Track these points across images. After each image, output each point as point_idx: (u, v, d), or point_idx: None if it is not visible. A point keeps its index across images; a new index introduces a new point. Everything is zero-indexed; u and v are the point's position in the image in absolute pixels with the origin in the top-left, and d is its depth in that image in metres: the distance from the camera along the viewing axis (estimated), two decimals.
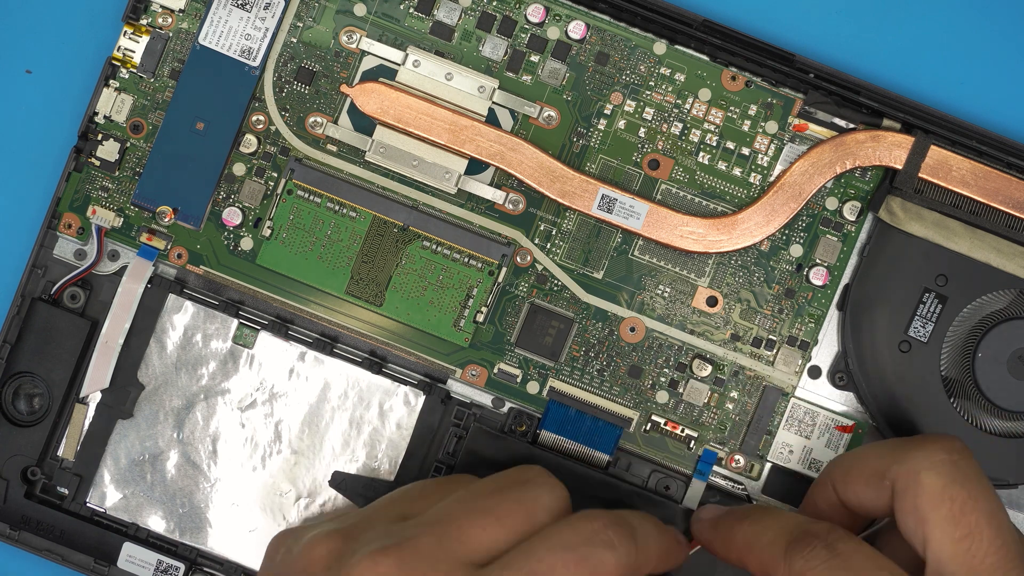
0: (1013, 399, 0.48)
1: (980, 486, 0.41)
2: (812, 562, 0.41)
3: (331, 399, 0.50)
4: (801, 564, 0.41)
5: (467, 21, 0.49)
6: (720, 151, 0.49)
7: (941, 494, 0.41)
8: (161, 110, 0.50)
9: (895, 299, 0.48)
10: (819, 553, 0.41)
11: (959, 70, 0.51)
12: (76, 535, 0.50)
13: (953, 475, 0.41)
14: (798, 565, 0.41)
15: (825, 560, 0.41)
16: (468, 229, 0.50)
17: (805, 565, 0.41)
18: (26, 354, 0.49)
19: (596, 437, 0.49)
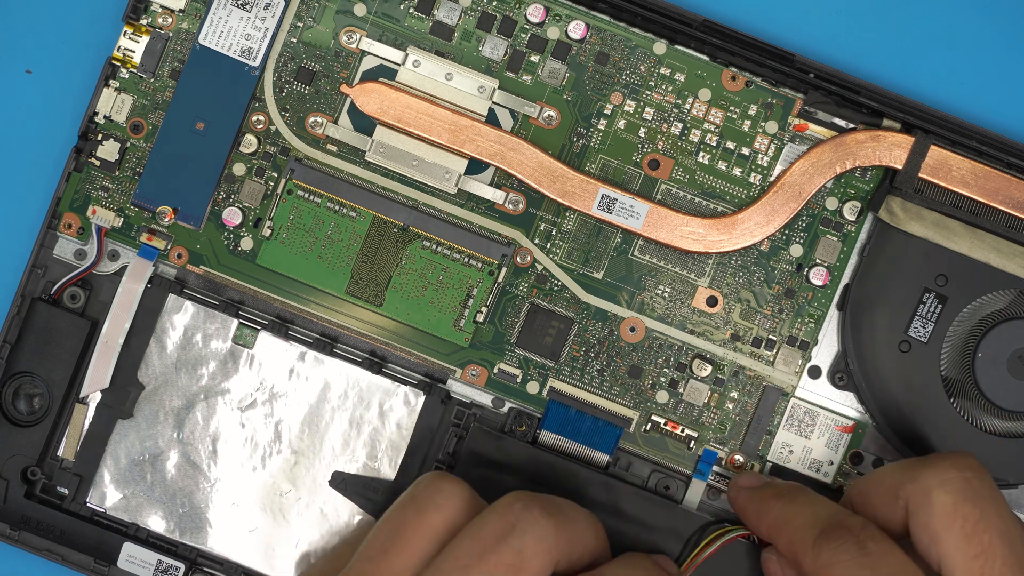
0: (1013, 399, 0.48)
1: (993, 504, 0.41)
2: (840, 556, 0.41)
3: (331, 399, 0.50)
4: (828, 556, 0.41)
5: (467, 21, 0.49)
6: (720, 151, 0.49)
7: (953, 512, 0.41)
8: (161, 110, 0.50)
9: (895, 299, 0.48)
10: (848, 548, 0.41)
11: (959, 70, 0.51)
12: (76, 535, 0.50)
13: (965, 493, 0.41)
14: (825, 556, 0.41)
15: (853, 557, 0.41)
16: (468, 229, 0.50)
17: (832, 557, 0.41)
18: (26, 354, 0.49)
19: (596, 437, 0.49)
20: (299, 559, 0.50)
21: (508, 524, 0.41)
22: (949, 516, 0.41)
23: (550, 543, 0.41)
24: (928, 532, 0.41)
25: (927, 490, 0.42)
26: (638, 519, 0.48)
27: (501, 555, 0.41)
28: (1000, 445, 0.48)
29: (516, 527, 0.41)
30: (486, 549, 0.41)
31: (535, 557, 0.41)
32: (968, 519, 0.41)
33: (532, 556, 0.41)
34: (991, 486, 0.42)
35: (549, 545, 0.41)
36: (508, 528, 0.41)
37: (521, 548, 0.41)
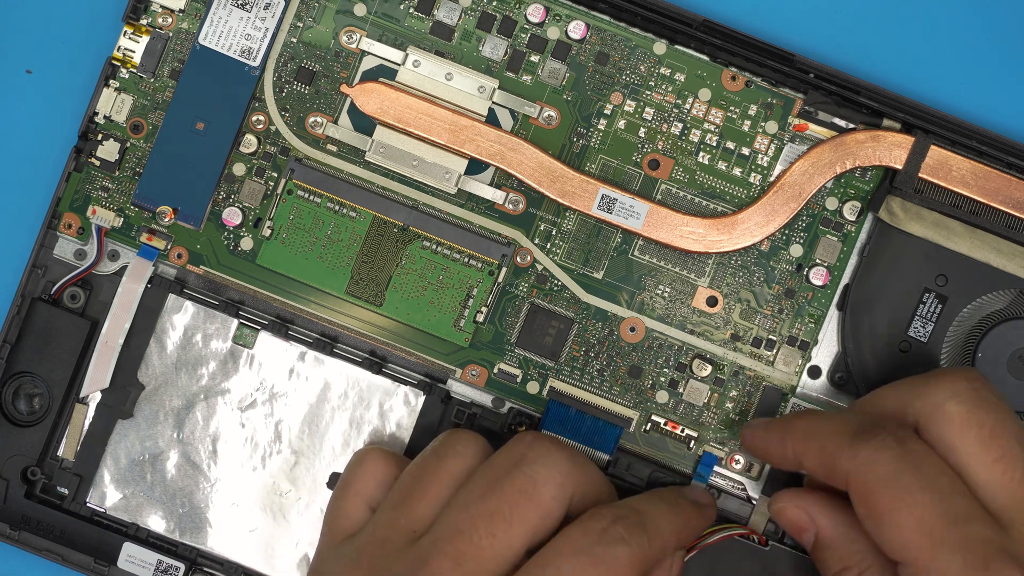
0: (1013, 399, 0.48)
1: (1005, 411, 0.41)
2: (881, 453, 0.40)
3: (331, 399, 0.50)
4: (868, 453, 0.40)
5: (467, 21, 0.49)
6: (720, 151, 0.49)
7: (968, 420, 0.40)
8: (161, 110, 0.50)
9: (895, 299, 0.48)
10: (889, 444, 0.40)
11: (959, 70, 0.51)
12: (76, 535, 0.50)
13: (977, 401, 0.41)
14: (864, 453, 0.40)
15: (895, 454, 0.40)
16: (468, 229, 0.50)
17: (873, 455, 0.40)
18: (26, 354, 0.49)
19: (596, 437, 0.49)
20: (299, 559, 0.50)
21: (519, 454, 0.43)
22: (964, 424, 0.40)
23: (563, 471, 0.42)
24: (944, 444, 0.41)
25: (938, 403, 0.41)
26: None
27: (514, 481, 0.42)
28: None
29: (527, 456, 0.42)
30: (500, 478, 0.42)
31: (547, 484, 0.42)
32: (984, 425, 0.40)
33: (544, 482, 0.42)
34: (998, 395, 0.41)
35: (561, 473, 0.42)
36: (519, 457, 0.42)
37: (533, 474, 0.42)
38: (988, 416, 0.40)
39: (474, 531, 0.41)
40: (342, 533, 0.45)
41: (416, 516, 0.43)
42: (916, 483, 0.39)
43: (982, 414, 0.41)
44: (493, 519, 0.41)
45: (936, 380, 0.42)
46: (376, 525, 0.44)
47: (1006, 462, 0.40)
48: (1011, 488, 0.40)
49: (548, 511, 0.42)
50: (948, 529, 0.39)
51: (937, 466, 0.40)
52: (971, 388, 0.41)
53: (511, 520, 0.41)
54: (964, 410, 0.41)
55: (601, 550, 0.41)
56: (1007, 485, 0.40)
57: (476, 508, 0.42)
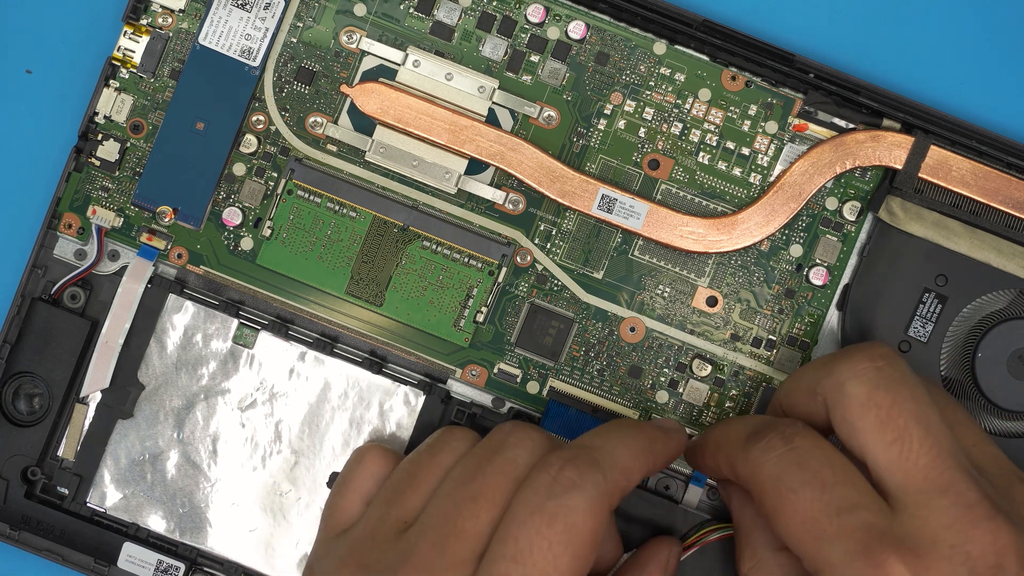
0: (1013, 399, 0.48)
1: (906, 388, 0.41)
2: (768, 454, 0.41)
3: (331, 399, 0.50)
4: (757, 455, 0.41)
5: (467, 21, 0.49)
6: (720, 151, 0.49)
7: (866, 401, 0.40)
8: (161, 110, 0.50)
9: (895, 299, 0.48)
10: (775, 444, 0.41)
11: (959, 70, 0.51)
12: (76, 535, 0.50)
13: (876, 381, 0.41)
14: (754, 455, 0.41)
15: (780, 453, 0.41)
16: (468, 229, 0.50)
17: (761, 456, 0.41)
18: (26, 354, 0.50)
19: None
20: (299, 559, 0.50)
21: (499, 440, 0.43)
22: (863, 406, 0.40)
23: (542, 452, 0.42)
24: (846, 425, 0.41)
25: (840, 383, 0.41)
26: (638, 518, 0.48)
27: (496, 464, 0.42)
28: (1000, 445, 0.48)
29: (508, 440, 0.43)
30: (482, 463, 0.42)
31: (528, 467, 0.42)
32: (881, 406, 0.40)
33: (526, 465, 0.42)
34: (904, 371, 0.41)
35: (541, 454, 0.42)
36: (500, 443, 0.43)
37: (515, 458, 0.42)
38: (886, 396, 0.40)
39: (458, 516, 0.41)
40: (337, 527, 0.45)
41: (406, 508, 0.43)
42: (798, 480, 0.40)
43: (880, 395, 0.40)
44: (476, 502, 0.41)
45: (839, 360, 0.42)
46: (368, 519, 0.44)
47: (902, 442, 0.40)
48: (906, 469, 0.39)
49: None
50: (829, 521, 0.39)
51: (822, 459, 0.40)
52: (873, 368, 0.41)
53: (494, 501, 0.41)
54: (863, 391, 0.41)
55: (553, 504, 0.40)
56: (902, 466, 0.39)
57: (459, 493, 0.42)
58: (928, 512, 0.39)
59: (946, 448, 0.40)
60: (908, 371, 0.41)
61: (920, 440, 0.40)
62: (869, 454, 0.40)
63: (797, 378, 0.44)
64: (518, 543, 0.40)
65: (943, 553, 0.38)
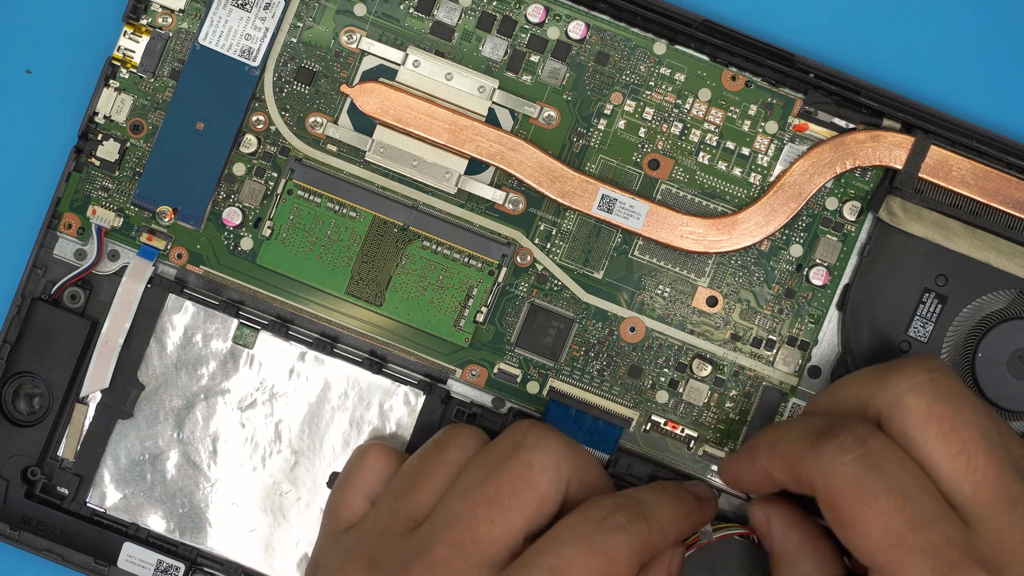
0: (1013, 399, 0.48)
1: (966, 401, 0.40)
2: (842, 456, 0.39)
3: (331, 399, 0.50)
4: (830, 456, 0.40)
5: (467, 21, 0.49)
6: (720, 151, 0.49)
7: (928, 414, 0.40)
8: (161, 110, 0.50)
9: (895, 299, 0.48)
10: (850, 445, 0.40)
11: (959, 70, 0.51)
12: (76, 535, 0.50)
13: (936, 393, 0.40)
14: (827, 457, 0.40)
15: (855, 454, 0.39)
16: (468, 229, 0.50)
17: (834, 458, 0.39)
18: (26, 354, 0.49)
19: (596, 437, 0.49)
20: (299, 559, 0.50)
21: (515, 441, 0.43)
22: (924, 418, 0.40)
23: (558, 456, 0.43)
24: (906, 438, 0.40)
25: (898, 396, 0.40)
26: None
27: (511, 467, 0.42)
28: None
29: (523, 443, 0.43)
30: (497, 464, 0.42)
31: (543, 469, 0.42)
32: (944, 418, 0.40)
33: (540, 467, 0.42)
34: (960, 384, 0.41)
35: (557, 458, 0.43)
36: (515, 444, 0.43)
37: (529, 461, 0.42)
38: (948, 408, 0.40)
39: (472, 518, 0.41)
40: (342, 524, 0.45)
41: (416, 505, 0.43)
42: (879, 486, 0.39)
43: (941, 407, 0.40)
44: (491, 505, 0.41)
45: (895, 372, 0.41)
46: (377, 515, 0.44)
47: (968, 455, 0.39)
48: (974, 481, 0.39)
49: (545, 496, 0.42)
50: (914, 534, 0.38)
51: (900, 464, 0.39)
52: (930, 379, 0.40)
53: (509, 506, 0.42)
54: (924, 403, 0.40)
55: (600, 538, 0.41)
56: (970, 478, 0.39)
57: (474, 495, 0.42)
58: (1002, 526, 0.38)
59: (1008, 461, 0.39)
60: (962, 384, 0.41)
61: (986, 452, 0.39)
62: (933, 467, 0.39)
63: (841, 389, 0.43)
64: (559, 559, 0.40)
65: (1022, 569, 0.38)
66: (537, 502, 0.42)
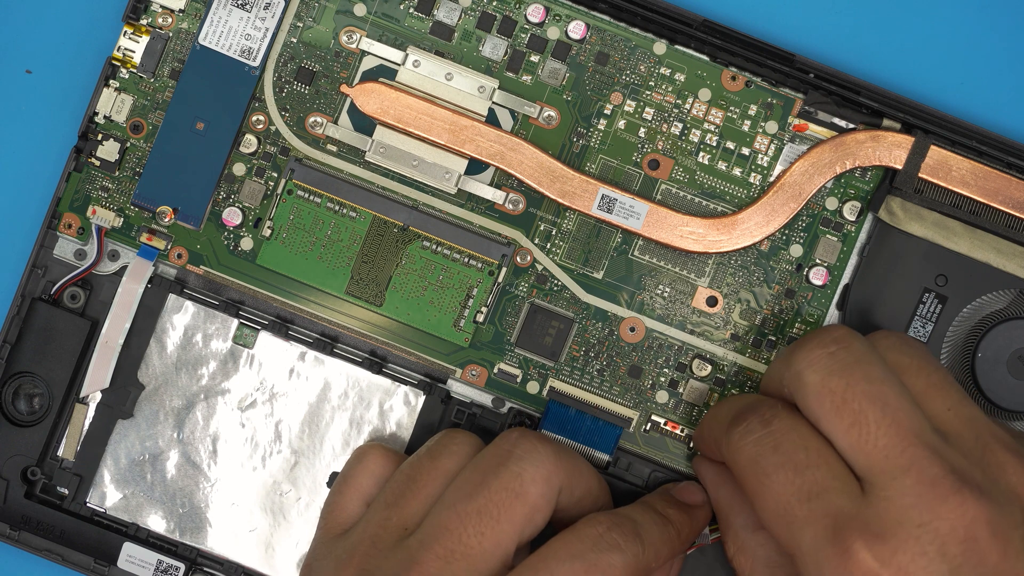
0: (1013, 399, 0.48)
1: (859, 369, 0.41)
2: (747, 436, 0.41)
3: (331, 399, 0.50)
4: (737, 438, 0.42)
5: (467, 21, 0.49)
6: (720, 151, 0.49)
7: (821, 389, 0.41)
8: (161, 110, 0.50)
9: (895, 299, 0.48)
10: (753, 427, 0.41)
11: (959, 70, 0.51)
12: (76, 535, 0.50)
13: (830, 367, 0.41)
14: (735, 438, 0.42)
15: (756, 437, 0.41)
16: (468, 229, 0.50)
17: (740, 440, 0.42)
18: (26, 354, 0.49)
19: (596, 437, 0.49)
20: (299, 559, 0.50)
21: (505, 451, 0.43)
22: (819, 394, 0.41)
23: (549, 467, 0.43)
24: (809, 414, 0.41)
25: (798, 373, 0.41)
26: None
27: (501, 479, 0.42)
28: None
29: (513, 453, 0.43)
30: (487, 475, 0.43)
31: (534, 480, 0.42)
32: (835, 392, 0.40)
33: (531, 480, 0.42)
34: (859, 352, 0.41)
35: (548, 469, 0.43)
36: (506, 455, 0.43)
37: (520, 472, 0.42)
38: (838, 382, 0.40)
39: (462, 530, 0.41)
40: (337, 528, 0.45)
41: (408, 514, 0.43)
42: (773, 463, 0.40)
43: (833, 380, 0.40)
44: (481, 517, 0.42)
45: (796, 350, 0.42)
46: (368, 522, 0.44)
47: (859, 427, 0.40)
48: (867, 451, 0.39)
49: (536, 507, 0.42)
50: (800, 505, 0.39)
51: (797, 442, 0.40)
52: (826, 354, 0.41)
53: (499, 518, 0.42)
54: (817, 379, 0.41)
55: (595, 556, 0.41)
56: (863, 448, 0.39)
57: (464, 507, 0.42)
58: (892, 493, 0.39)
59: (905, 425, 0.39)
60: (863, 351, 0.41)
61: (876, 421, 0.40)
62: (834, 440, 0.40)
63: (769, 370, 0.45)
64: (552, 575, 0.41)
65: (910, 533, 0.38)
66: (527, 514, 0.42)
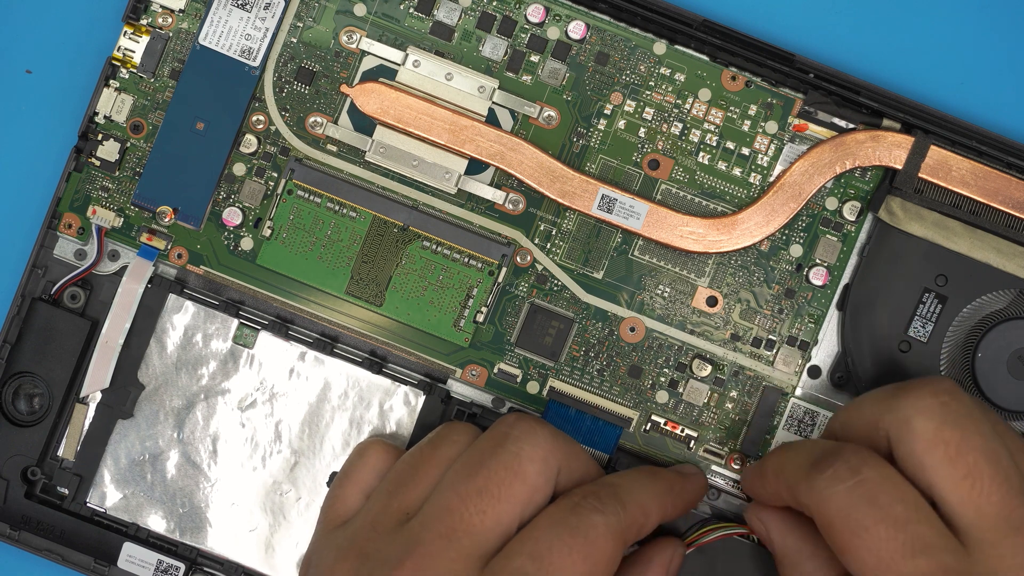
0: (1013, 399, 0.48)
1: (973, 423, 0.40)
2: (835, 484, 0.40)
3: (331, 399, 0.50)
4: (823, 485, 0.40)
5: (467, 21, 0.49)
6: (720, 151, 0.49)
7: (934, 438, 0.40)
8: (161, 110, 0.50)
9: (895, 299, 0.48)
10: (842, 475, 0.40)
11: (959, 70, 0.51)
12: (76, 535, 0.50)
13: (944, 416, 0.40)
14: (820, 485, 0.40)
15: (848, 485, 0.40)
16: (468, 229, 0.50)
17: (828, 487, 0.40)
18: (26, 354, 0.50)
19: (596, 437, 0.49)
20: (299, 559, 0.50)
21: (503, 433, 0.43)
22: (931, 442, 0.40)
23: (546, 448, 0.43)
24: (913, 461, 0.40)
25: (906, 419, 0.41)
26: None
27: (500, 459, 0.43)
28: None
29: (511, 434, 0.43)
30: (486, 456, 0.43)
31: (531, 460, 0.43)
32: (950, 443, 0.40)
33: (528, 458, 0.43)
34: (970, 406, 0.41)
35: (545, 449, 0.43)
36: (503, 436, 0.43)
37: (518, 452, 0.43)
38: (954, 433, 0.40)
39: (464, 509, 0.42)
40: (337, 520, 0.45)
41: (409, 500, 0.44)
42: (870, 516, 0.39)
43: (947, 431, 0.40)
44: (481, 496, 0.42)
45: (905, 394, 0.41)
46: (369, 510, 0.44)
47: (973, 479, 0.39)
48: (978, 504, 0.39)
49: (535, 486, 0.42)
50: (906, 561, 0.39)
51: (893, 493, 0.40)
52: (938, 403, 0.41)
53: (499, 496, 0.42)
54: (931, 427, 0.40)
55: (575, 519, 0.41)
56: (974, 502, 0.39)
57: (464, 487, 0.42)
58: (1005, 551, 0.38)
59: (1016, 484, 0.39)
60: (973, 405, 0.41)
61: (991, 477, 0.39)
62: (939, 491, 0.40)
63: (856, 409, 0.43)
64: (538, 543, 0.41)
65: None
66: (527, 492, 0.42)
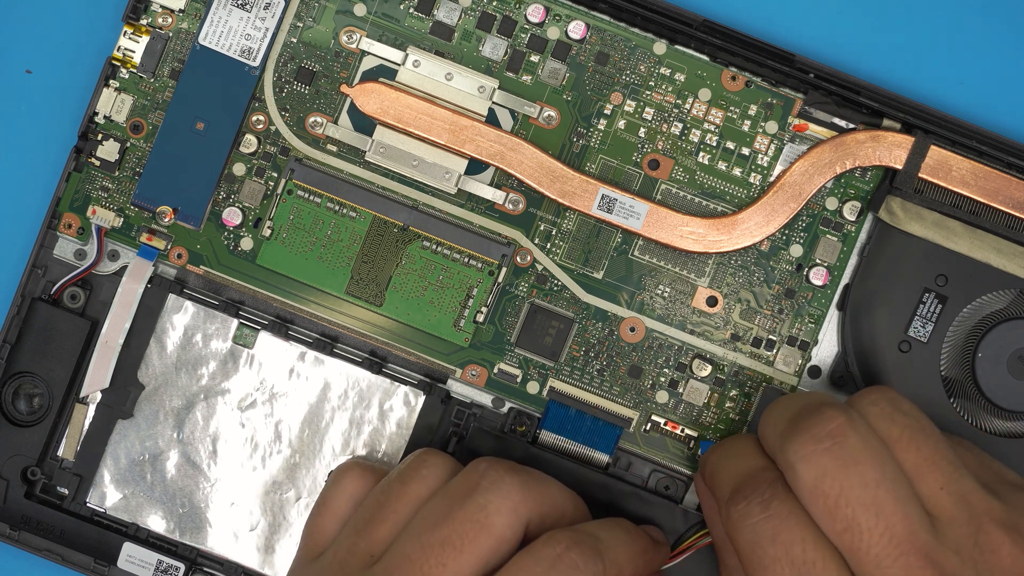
0: (1013, 399, 0.48)
1: (856, 471, 0.40)
2: (745, 519, 0.41)
3: (331, 399, 0.50)
4: (735, 516, 0.42)
5: (467, 21, 0.49)
6: (720, 151, 0.49)
7: (813, 491, 0.40)
8: (161, 110, 0.50)
9: (895, 299, 0.48)
10: (753, 510, 0.41)
11: (959, 70, 0.51)
12: (76, 535, 0.50)
13: (824, 468, 0.40)
14: (733, 516, 0.42)
15: (756, 520, 0.41)
16: (468, 229, 0.50)
17: (739, 521, 0.41)
18: (26, 354, 0.50)
19: (596, 437, 0.49)
20: None
21: (473, 483, 0.43)
22: (811, 493, 0.40)
23: (515, 500, 0.43)
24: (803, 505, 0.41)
25: (791, 465, 0.41)
26: (638, 519, 0.48)
27: (466, 510, 0.42)
28: (1000, 445, 0.48)
29: (480, 485, 0.43)
30: (452, 506, 0.42)
31: (499, 513, 0.42)
32: (828, 496, 0.40)
33: (496, 512, 0.42)
34: (854, 450, 0.40)
35: (515, 502, 0.43)
36: (473, 486, 0.43)
37: (485, 504, 0.42)
38: (832, 486, 0.40)
39: (424, 560, 0.41)
40: (314, 551, 0.45)
41: (375, 540, 0.43)
42: (771, 555, 0.40)
43: (827, 483, 0.40)
44: (444, 548, 0.41)
45: (790, 436, 0.41)
46: (338, 548, 0.44)
47: (851, 534, 0.40)
48: (859, 559, 0.39)
49: (501, 538, 0.42)
50: None
51: (796, 532, 0.40)
52: (820, 451, 0.40)
53: (462, 548, 0.42)
54: (811, 478, 0.40)
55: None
56: (855, 556, 0.40)
57: (427, 537, 0.42)
58: None
59: (900, 532, 0.39)
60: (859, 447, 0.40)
61: (870, 529, 0.39)
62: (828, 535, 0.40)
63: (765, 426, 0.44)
64: None
65: None
66: (491, 545, 0.42)
